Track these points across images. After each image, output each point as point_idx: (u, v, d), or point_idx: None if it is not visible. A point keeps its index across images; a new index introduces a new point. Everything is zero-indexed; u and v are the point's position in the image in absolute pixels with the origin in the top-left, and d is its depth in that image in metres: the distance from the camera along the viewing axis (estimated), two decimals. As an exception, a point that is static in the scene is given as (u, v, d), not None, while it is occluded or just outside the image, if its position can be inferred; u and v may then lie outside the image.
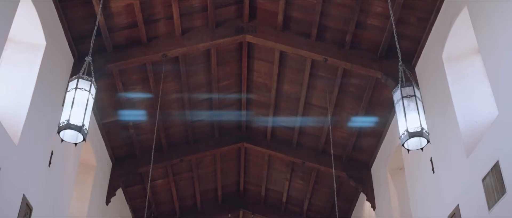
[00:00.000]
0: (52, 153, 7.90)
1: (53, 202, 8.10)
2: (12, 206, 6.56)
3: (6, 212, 6.38)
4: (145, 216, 8.81)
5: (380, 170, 10.96)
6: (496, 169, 5.84)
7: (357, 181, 11.74)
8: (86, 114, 5.68)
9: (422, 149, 6.03)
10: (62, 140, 5.85)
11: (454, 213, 7.06)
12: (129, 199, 13.26)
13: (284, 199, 14.81)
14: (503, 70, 5.85)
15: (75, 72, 8.26)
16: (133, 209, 13.75)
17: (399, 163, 10.05)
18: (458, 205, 6.98)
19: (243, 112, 12.31)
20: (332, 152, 9.64)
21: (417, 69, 8.69)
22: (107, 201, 11.24)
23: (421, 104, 5.80)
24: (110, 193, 11.33)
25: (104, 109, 10.26)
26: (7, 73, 7.14)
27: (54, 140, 7.76)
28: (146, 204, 10.15)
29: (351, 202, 13.39)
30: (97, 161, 10.39)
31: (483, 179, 6.15)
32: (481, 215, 6.25)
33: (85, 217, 9.92)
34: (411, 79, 6.04)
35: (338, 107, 10.73)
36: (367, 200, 11.54)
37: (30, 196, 7.04)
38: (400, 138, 5.64)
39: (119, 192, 12.14)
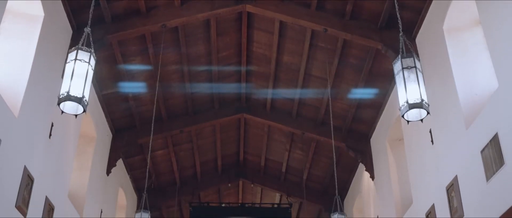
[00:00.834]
0: (52, 125, 7.92)
1: (54, 173, 8.15)
2: (14, 177, 6.60)
3: (8, 184, 6.43)
4: (145, 186, 8.85)
5: (379, 141, 11.01)
6: (495, 141, 5.87)
7: (356, 151, 11.80)
8: (86, 85, 5.67)
9: (421, 120, 6.03)
10: (62, 112, 5.84)
11: (453, 184, 7.12)
12: (130, 169, 13.35)
13: (283, 169, 14.91)
14: (504, 42, 5.83)
15: (74, 43, 8.21)
16: (134, 179, 13.87)
17: (399, 134, 10.09)
18: (456, 175, 7.03)
19: (243, 84, 12.30)
20: (331, 123, 9.64)
21: (417, 40, 8.64)
22: (108, 172, 11.32)
23: (421, 75, 5.79)
24: (111, 164, 11.40)
25: (103, 80, 10.24)
26: (6, 45, 7.11)
27: (54, 111, 7.76)
28: (147, 174, 10.20)
29: (350, 173, 13.49)
30: (97, 132, 10.42)
31: (482, 151, 6.18)
32: (479, 186, 6.30)
33: (86, 188, 10.00)
34: (411, 51, 6.02)
35: (338, 78, 10.71)
36: (366, 170, 11.62)
37: (31, 167, 7.08)
38: (400, 109, 5.65)
39: (120, 162, 12.22)
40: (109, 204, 11.70)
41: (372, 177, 11.39)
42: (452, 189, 7.13)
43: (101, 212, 11.01)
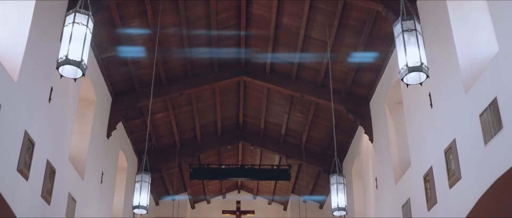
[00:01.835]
0: (51, 89, 7.91)
1: (54, 137, 8.20)
2: (15, 141, 6.64)
3: (9, 148, 6.47)
4: (146, 148, 8.91)
5: (378, 104, 11.03)
6: (494, 105, 5.88)
7: (355, 114, 11.84)
8: (84, 48, 5.66)
9: (421, 83, 6.05)
10: (61, 76, 5.85)
11: (451, 147, 7.17)
12: (130, 132, 13.42)
13: (283, 132, 14.99)
14: (505, 6, 5.77)
15: (72, 6, 8.11)
16: (134, 142, 13.95)
17: (398, 98, 10.10)
18: (454, 139, 7.08)
19: (243, 49, 12.24)
20: (331, 85, 9.64)
21: (418, 3, 8.56)
22: (108, 135, 11.38)
23: (422, 38, 5.78)
24: (111, 127, 11.45)
25: (102, 43, 10.18)
26: (3, 9, 7.03)
27: (53, 75, 7.75)
28: (147, 137, 10.25)
29: (349, 135, 13.56)
30: (96, 96, 10.43)
31: (481, 115, 6.20)
32: (477, 149, 6.35)
33: (86, 151, 10.07)
34: (412, 13, 5.98)
35: (337, 41, 10.65)
36: (365, 133, 11.69)
37: (31, 131, 7.11)
38: (399, 73, 5.65)
39: (120, 126, 12.27)
40: (109, 166, 11.80)
41: (371, 139, 11.46)
42: (450, 152, 7.18)
43: (102, 174, 11.12)
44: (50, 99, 7.87)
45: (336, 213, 9.33)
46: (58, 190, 8.30)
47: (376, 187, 11.23)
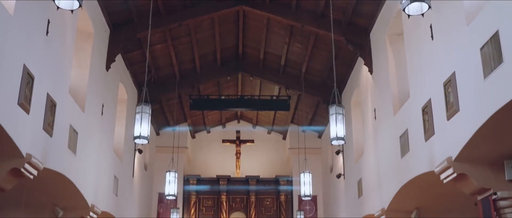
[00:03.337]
0: (48, 22, 7.80)
1: (54, 70, 8.17)
2: (14, 76, 6.63)
3: (8, 83, 6.47)
4: (145, 80, 8.89)
5: (379, 35, 10.94)
6: (495, 39, 5.83)
7: (355, 45, 11.76)
8: (79, -21, 5.54)
9: (422, 14, 5.98)
10: (58, 7, 5.77)
11: (450, 80, 7.17)
12: (129, 64, 13.38)
13: (282, 62, 14.95)
14: None
15: None
16: (133, 74, 13.95)
17: (399, 29, 10.00)
18: (454, 72, 7.07)
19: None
20: (331, 15, 9.47)
21: None
22: (107, 67, 11.36)
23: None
24: (110, 59, 11.40)
25: (98, -27, 9.96)
26: None
27: (49, 8, 7.62)
28: (146, 69, 10.22)
29: (349, 66, 13.54)
30: (94, 27, 10.31)
31: (481, 48, 6.15)
32: (476, 82, 6.35)
33: (86, 83, 10.08)
34: None
35: (338, -30, 10.42)
36: (365, 64, 11.66)
37: (30, 65, 7.08)
38: (401, 3, 5.57)
39: (119, 58, 12.22)
40: (109, 98, 11.86)
41: (371, 71, 11.44)
42: (449, 84, 7.19)
43: (103, 106, 11.19)
44: (47, 32, 7.79)
45: (334, 143, 9.42)
46: (59, 122, 8.38)
47: (375, 118, 11.33)
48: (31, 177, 7.42)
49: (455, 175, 7.30)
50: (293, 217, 18.12)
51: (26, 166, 7.16)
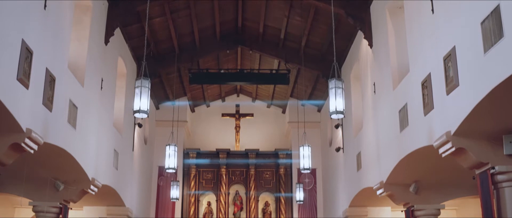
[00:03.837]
0: (46, -5, 7.74)
1: (52, 45, 8.14)
2: (12, 51, 6.59)
3: (7, 57, 6.44)
4: (144, 54, 8.87)
5: (379, 9, 10.86)
6: (496, 13, 5.79)
7: (355, 19, 11.68)
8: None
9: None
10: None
11: (450, 54, 7.15)
12: (128, 38, 13.32)
13: (282, 36, 14.89)
14: None
15: None
16: (132, 48, 13.89)
17: (399, 2, 9.92)
18: (454, 46, 7.04)
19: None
20: (331, -12, 9.42)
21: None
22: (106, 41, 11.31)
23: None
24: (108, 33, 11.34)
25: None
26: None
27: (46, -19, 7.55)
28: (145, 43, 10.18)
29: (349, 40, 13.48)
30: (92, 0, 10.23)
31: (482, 22, 6.12)
32: (476, 57, 6.34)
33: (85, 58, 10.05)
34: None
35: None
36: (365, 38, 11.61)
37: (29, 40, 7.04)
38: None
39: (117, 31, 12.15)
40: (109, 73, 11.83)
41: (371, 44, 11.40)
42: (449, 59, 7.17)
43: (102, 81, 11.17)
44: (45, 6, 7.73)
45: (334, 117, 9.46)
46: (59, 97, 8.38)
47: (374, 92, 11.33)
48: (32, 151, 7.46)
49: (453, 149, 7.35)
50: (292, 190, 18.27)
51: (27, 140, 7.19)
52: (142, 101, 7.95)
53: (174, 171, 12.65)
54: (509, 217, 6.93)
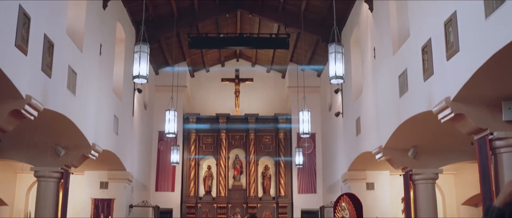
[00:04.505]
0: (42, -41, 7.63)
1: (50, 10, 8.06)
2: (10, 17, 6.53)
3: (5, 24, 6.39)
4: (143, 18, 8.80)
5: (380, -28, 10.73)
6: (498, -22, 5.73)
7: (356, -18, 11.56)
8: None
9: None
10: None
11: (451, 19, 7.09)
12: (126, 2, 13.18)
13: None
14: None
15: None
16: (131, 12, 13.78)
17: (400, -35, 9.80)
18: (455, 11, 6.98)
19: None
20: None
21: None
22: (104, 6, 11.20)
23: None
24: (107, -3, 11.24)
25: None
26: None
27: None
28: (143, 7, 10.09)
29: (349, 4, 13.34)
30: (89, -36, 10.11)
31: (484, -13, 6.06)
32: (477, 22, 6.29)
33: (83, 23, 9.97)
34: None
35: None
36: (365, 2, 11.50)
37: (26, 5, 6.96)
38: None
39: (116, -5, 12.04)
40: (108, 38, 11.76)
41: (371, 8, 11.30)
42: (450, 24, 7.12)
43: (101, 46, 11.12)
44: (41, -29, 7.63)
45: (333, 81, 9.45)
46: (58, 63, 8.35)
47: (374, 57, 11.29)
48: (32, 118, 7.48)
49: (452, 115, 7.37)
50: (292, 154, 18.41)
51: (26, 107, 7.20)
52: (142, 66, 7.94)
53: (174, 135, 12.71)
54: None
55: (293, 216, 18.18)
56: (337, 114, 15.08)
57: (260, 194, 18.52)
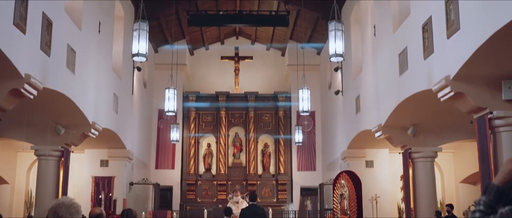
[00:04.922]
0: None
1: (48, -12, 8.00)
2: (8, -5, 6.50)
3: (3, 3, 6.34)
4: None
5: (381, -51, 10.61)
6: (500, -44, 5.67)
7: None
8: None
9: None
10: None
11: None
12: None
13: (281, -23, 14.63)
14: None
15: None
16: (130, -11, 13.65)
17: None
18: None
19: None
20: None
21: None
22: (103, -17, 11.10)
23: None
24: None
25: None
26: None
27: None
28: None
29: (349, -19, 13.25)
30: None
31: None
32: (478, 1, 6.24)
33: (82, 1, 9.88)
34: None
35: None
36: (366, -21, 11.40)
37: (23, -17, 6.93)
38: None
39: (114, -27, 11.92)
40: (106, 16, 11.69)
41: (371, -14, 11.22)
42: (451, 2, 7.07)
43: (100, 24, 11.05)
44: None
45: (333, 59, 9.44)
46: (56, 41, 8.31)
47: (374, 34, 11.24)
48: (31, 97, 7.48)
49: (452, 93, 7.37)
50: (291, 132, 18.45)
51: (26, 86, 7.19)
52: (141, 44, 7.91)
53: (173, 113, 12.73)
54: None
55: (292, 193, 18.31)
56: (337, 92, 15.08)
57: (260, 171, 18.62)
